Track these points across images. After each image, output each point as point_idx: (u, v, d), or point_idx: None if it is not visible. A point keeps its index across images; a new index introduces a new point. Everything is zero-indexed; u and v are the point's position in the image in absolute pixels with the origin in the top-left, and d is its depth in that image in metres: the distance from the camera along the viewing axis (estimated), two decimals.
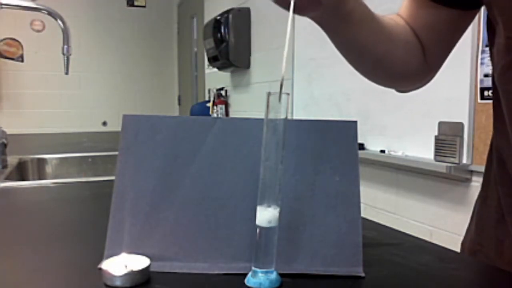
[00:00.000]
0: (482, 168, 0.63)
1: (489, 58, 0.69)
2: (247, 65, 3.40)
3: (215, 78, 4.03)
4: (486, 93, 1.54)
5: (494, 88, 0.57)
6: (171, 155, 0.46)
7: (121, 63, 4.93)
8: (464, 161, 1.65)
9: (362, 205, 0.46)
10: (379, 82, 0.67)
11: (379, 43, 0.58)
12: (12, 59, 4.54)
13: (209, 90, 4.19)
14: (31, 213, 0.67)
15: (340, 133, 0.47)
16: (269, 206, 0.40)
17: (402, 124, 1.93)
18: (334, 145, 0.47)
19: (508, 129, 0.53)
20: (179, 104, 5.33)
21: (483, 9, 0.57)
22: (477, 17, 0.63)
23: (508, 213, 0.56)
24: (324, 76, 2.44)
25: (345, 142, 0.47)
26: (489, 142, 0.62)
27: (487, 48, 1.25)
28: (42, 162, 1.46)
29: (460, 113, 1.65)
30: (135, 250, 0.43)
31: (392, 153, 1.97)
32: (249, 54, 3.39)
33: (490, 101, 0.59)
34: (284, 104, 0.40)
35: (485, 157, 0.63)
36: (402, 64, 0.63)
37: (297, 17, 0.51)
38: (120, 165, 0.46)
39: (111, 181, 0.47)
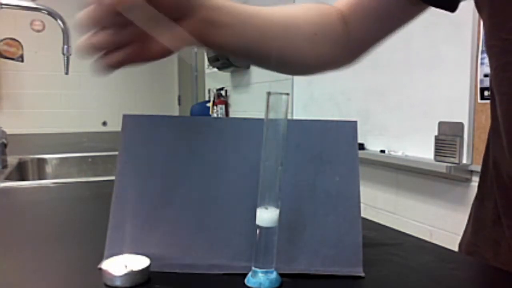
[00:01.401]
0: None
1: None
2: (247, 65, 3.40)
3: (215, 78, 4.03)
4: (486, 93, 1.54)
5: (491, 89, 0.57)
6: (171, 155, 0.46)
7: None
8: (464, 161, 1.65)
9: (362, 205, 0.46)
10: (293, 74, 0.65)
11: (271, 40, 0.55)
12: (12, 59, 4.54)
13: (209, 90, 4.19)
14: (31, 213, 0.67)
15: (340, 133, 0.47)
16: (269, 206, 0.40)
17: (402, 124, 1.93)
18: (334, 145, 0.47)
19: (501, 131, 0.53)
20: (179, 104, 5.33)
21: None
22: (477, 17, 0.62)
23: (504, 215, 0.55)
24: (324, 76, 2.44)
25: (345, 142, 0.47)
26: None
27: None
28: (42, 162, 1.46)
29: (460, 113, 1.65)
30: (135, 250, 0.43)
31: (392, 153, 1.97)
32: None
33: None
34: (284, 104, 0.40)
35: None
36: (312, 56, 0.59)
37: None
38: (120, 165, 0.46)
39: (111, 181, 0.47)
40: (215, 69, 3.79)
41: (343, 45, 0.61)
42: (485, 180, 0.61)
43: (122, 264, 0.40)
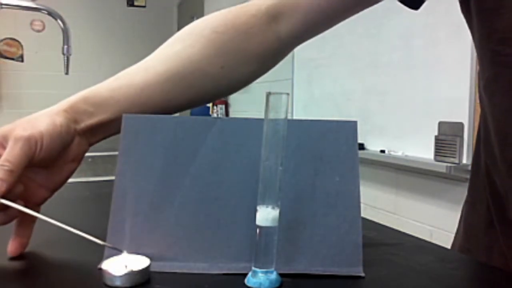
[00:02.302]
0: None
1: None
2: None
3: None
4: None
5: (480, 97, 0.56)
6: (171, 155, 0.46)
7: (121, 63, 4.91)
8: (464, 161, 1.65)
9: (362, 205, 0.46)
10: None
11: (171, 101, 0.54)
12: (12, 59, 4.54)
13: None
14: None
15: (340, 133, 0.47)
16: (269, 206, 0.40)
17: (402, 124, 1.93)
18: (334, 145, 0.47)
19: (493, 141, 0.53)
20: None
21: None
22: None
23: (498, 222, 0.55)
24: (324, 76, 2.44)
25: (345, 142, 0.47)
26: None
27: None
28: None
29: (460, 113, 1.65)
30: (135, 250, 0.43)
31: (392, 153, 1.97)
32: None
33: None
34: (284, 104, 0.40)
35: None
36: (227, 85, 0.58)
37: None
38: (120, 165, 0.46)
39: (111, 181, 0.47)
40: None
41: (268, 54, 0.58)
42: (476, 184, 0.61)
43: (122, 264, 0.40)
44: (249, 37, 0.56)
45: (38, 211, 0.48)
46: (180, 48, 0.55)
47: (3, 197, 0.43)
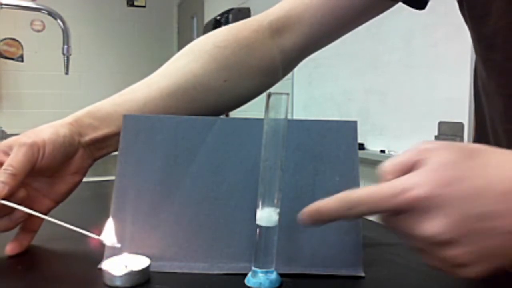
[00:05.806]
0: None
1: None
2: None
3: None
4: None
5: (476, 98, 0.57)
6: (171, 155, 0.46)
7: (121, 63, 4.93)
8: None
9: None
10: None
11: (183, 111, 0.54)
12: (12, 59, 4.54)
13: None
14: None
15: (340, 133, 0.47)
16: (269, 206, 0.40)
17: (402, 124, 1.93)
18: (334, 145, 0.47)
19: (490, 139, 0.53)
20: None
21: None
22: None
23: None
24: (324, 76, 2.44)
25: (345, 142, 0.47)
26: None
27: None
28: None
29: (460, 113, 1.65)
30: (135, 250, 0.43)
31: (392, 153, 1.97)
32: None
33: None
34: (284, 104, 0.40)
35: None
36: (231, 97, 0.58)
37: None
38: (120, 165, 0.47)
39: (111, 181, 0.47)
40: None
41: (271, 68, 0.59)
42: None
43: (122, 264, 0.40)
44: (252, 51, 0.57)
45: (41, 221, 0.49)
46: (183, 63, 0.56)
47: (6, 199, 0.43)
